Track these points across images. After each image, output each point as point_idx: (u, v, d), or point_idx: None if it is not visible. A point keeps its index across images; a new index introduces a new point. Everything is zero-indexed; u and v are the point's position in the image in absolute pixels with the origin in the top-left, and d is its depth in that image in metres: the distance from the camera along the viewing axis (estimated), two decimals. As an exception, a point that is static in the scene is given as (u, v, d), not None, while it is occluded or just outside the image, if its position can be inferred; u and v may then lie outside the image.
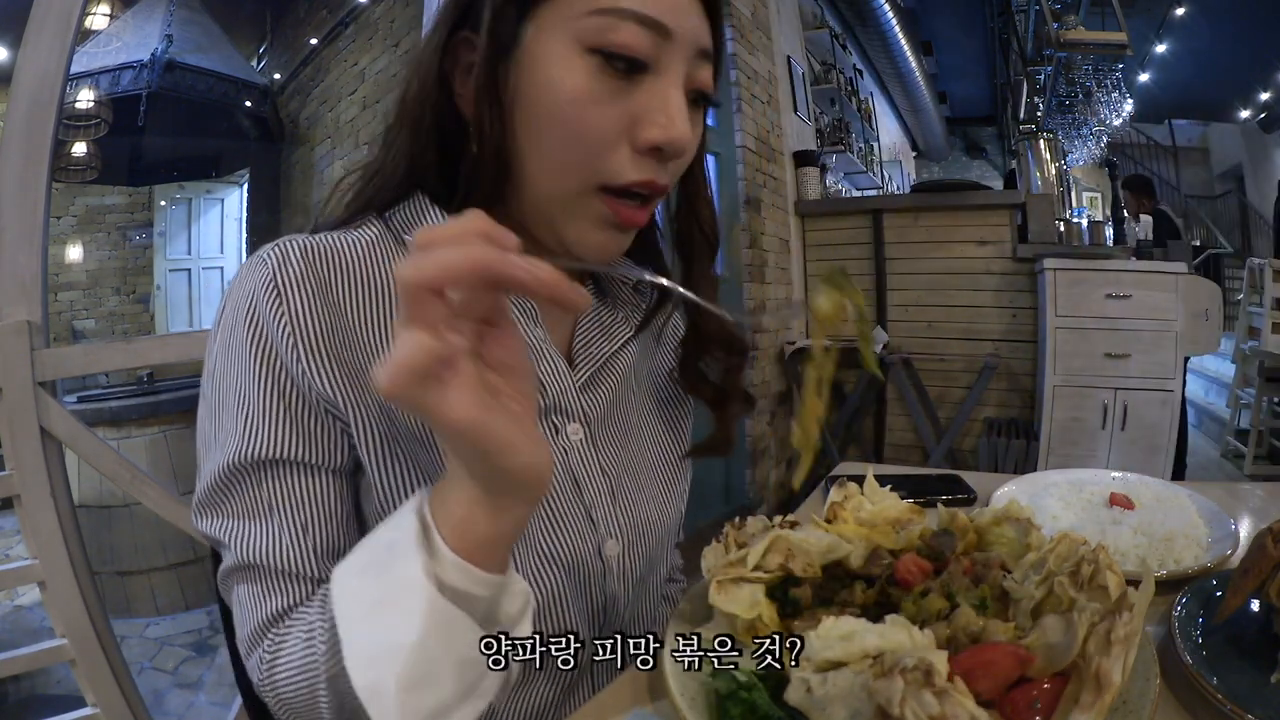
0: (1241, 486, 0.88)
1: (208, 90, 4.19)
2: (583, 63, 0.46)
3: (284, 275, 0.47)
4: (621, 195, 0.49)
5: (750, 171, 3.04)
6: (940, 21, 7.06)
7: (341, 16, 3.95)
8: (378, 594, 0.37)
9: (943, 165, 9.71)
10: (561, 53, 0.46)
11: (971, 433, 3.27)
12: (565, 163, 0.48)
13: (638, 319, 0.63)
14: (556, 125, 0.47)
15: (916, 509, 0.54)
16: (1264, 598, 0.48)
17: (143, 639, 2.44)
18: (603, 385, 0.59)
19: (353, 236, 0.52)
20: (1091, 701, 0.34)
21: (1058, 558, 0.44)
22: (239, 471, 0.47)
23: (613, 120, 0.47)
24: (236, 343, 0.48)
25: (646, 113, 0.47)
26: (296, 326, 0.47)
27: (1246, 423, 3.82)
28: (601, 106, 0.46)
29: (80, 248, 4.43)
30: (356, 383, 0.48)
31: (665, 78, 0.47)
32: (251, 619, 0.48)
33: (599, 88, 0.46)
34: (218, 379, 0.49)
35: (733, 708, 0.40)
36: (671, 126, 0.47)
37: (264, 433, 0.47)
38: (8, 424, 1.10)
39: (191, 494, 0.51)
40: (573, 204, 0.49)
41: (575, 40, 0.46)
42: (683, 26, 0.47)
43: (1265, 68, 6.55)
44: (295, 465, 0.48)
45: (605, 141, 0.47)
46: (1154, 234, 3.97)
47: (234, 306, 0.48)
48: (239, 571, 0.49)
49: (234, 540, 0.48)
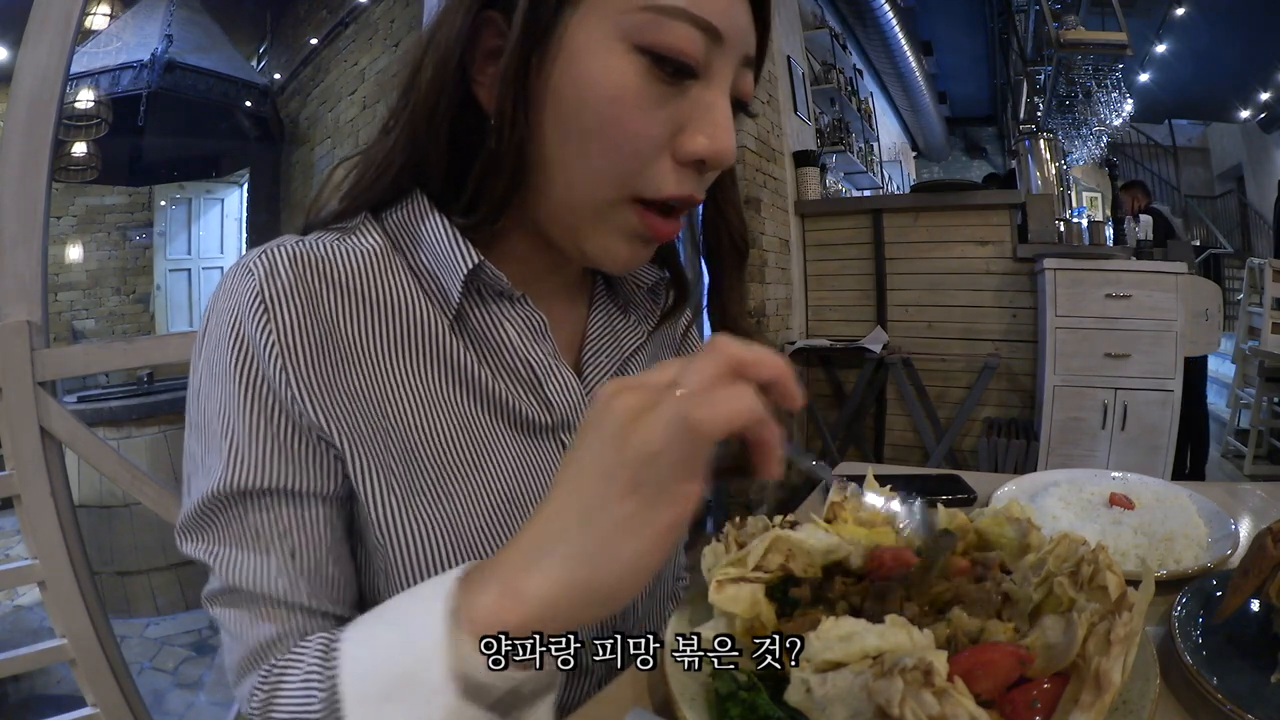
0: (1241, 486, 0.88)
1: (208, 90, 4.19)
2: (628, 62, 0.42)
3: (272, 289, 0.44)
4: (654, 207, 0.46)
5: (750, 171, 3.04)
6: (940, 21, 7.06)
7: (341, 16, 3.95)
8: (391, 684, 0.34)
9: (943, 165, 9.71)
10: (605, 48, 0.42)
11: (971, 433, 3.27)
12: (600, 170, 0.44)
13: (652, 322, 0.61)
14: (594, 127, 0.43)
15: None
16: (1264, 598, 0.48)
17: (143, 639, 2.44)
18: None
19: (347, 245, 0.48)
20: (1091, 701, 0.34)
21: (1057, 558, 0.44)
22: (225, 500, 0.44)
23: (657, 128, 0.43)
24: (220, 363, 0.44)
25: (692, 122, 0.43)
26: (285, 346, 0.43)
27: (1246, 423, 3.82)
28: (646, 111, 0.42)
29: (80, 248, 4.43)
30: (349, 404, 0.45)
31: (714, 85, 0.44)
32: (242, 645, 0.45)
33: (645, 90, 0.42)
34: (202, 399, 0.46)
35: (733, 708, 0.40)
36: (718, 139, 0.44)
37: (250, 462, 0.44)
38: (8, 424, 1.10)
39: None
40: (603, 214, 0.46)
41: (622, 36, 0.42)
42: (734, 30, 0.44)
43: (1265, 68, 6.55)
44: (283, 494, 0.45)
45: (646, 150, 0.43)
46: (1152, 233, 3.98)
47: (219, 321, 0.45)
48: (226, 595, 0.46)
49: (220, 565, 0.45)
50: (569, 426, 0.53)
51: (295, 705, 0.40)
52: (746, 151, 3.02)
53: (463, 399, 0.50)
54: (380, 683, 0.35)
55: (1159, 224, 4.05)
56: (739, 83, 0.46)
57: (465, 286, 0.48)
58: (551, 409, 0.52)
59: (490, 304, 0.51)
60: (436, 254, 0.48)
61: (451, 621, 0.34)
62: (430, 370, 0.49)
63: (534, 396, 0.52)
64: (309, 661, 0.40)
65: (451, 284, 0.48)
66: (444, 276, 0.49)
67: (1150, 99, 7.34)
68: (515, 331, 0.51)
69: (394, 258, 0.49)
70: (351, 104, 3.89)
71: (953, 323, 3.33)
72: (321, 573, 0.46)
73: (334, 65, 4.05)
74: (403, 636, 0.35)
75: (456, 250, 0.48)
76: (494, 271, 0.49)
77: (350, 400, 0.45)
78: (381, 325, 0.47)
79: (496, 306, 0.51)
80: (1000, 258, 3.22)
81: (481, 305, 0.50)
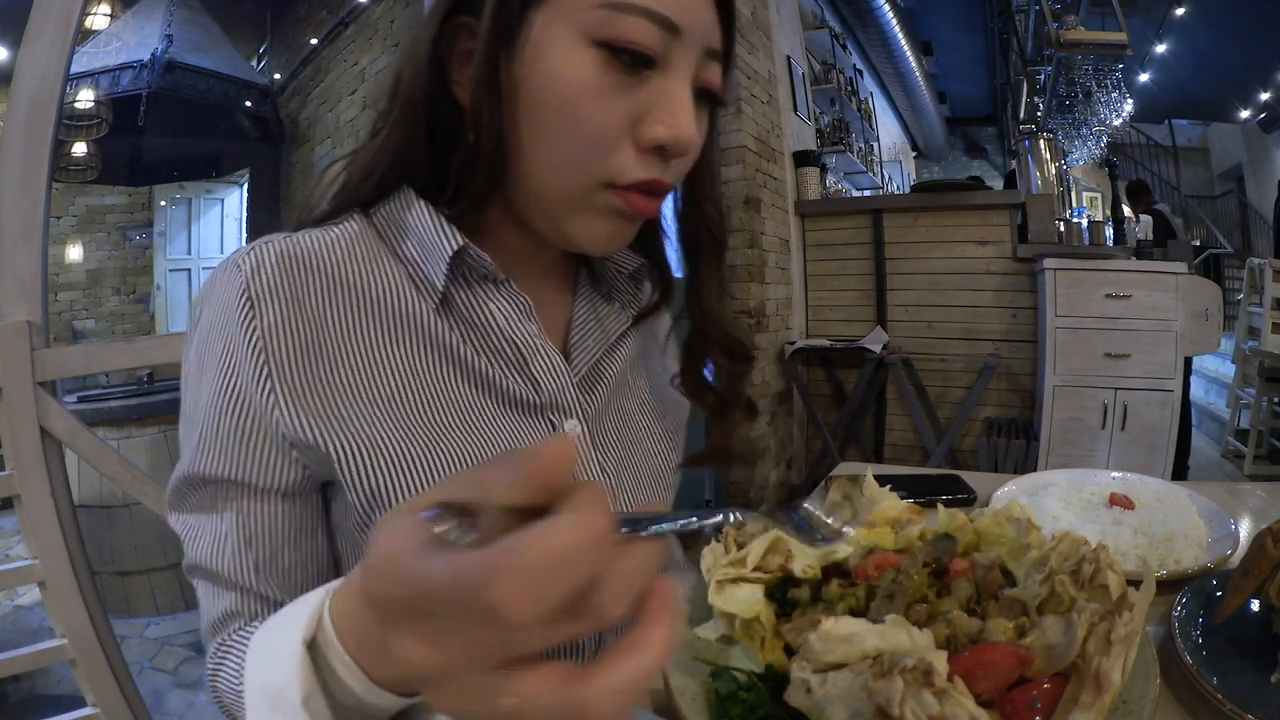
0: (1241, 486, 0.88)
1: (208, 90, 4.19)
2: (588, 55, 0.45)
3: (257, 285, 0.46)
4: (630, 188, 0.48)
5: (750, 171, 3.04)
6: (940, 21, 7.06)
7: (341, 16, 3.96)
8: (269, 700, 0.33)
9: (943, 165, 9.71)
10: (567, 44, 0.45)
11: (971, 433, 3.27)
12: (567, 157, 0.47)
13: (635, 310, 0.62)
14: (558, 118, 0.45)
15: (916, 509, 0.54)
16: (1264, 598, 0.48)
17: (143, 639, 2.44)
18: (600, 380, 0.59)
19: (332, 236, 0.50)
20: (1091, 701, 0.34)
21: (1060, 556, 0.44)
22: (194, 482, 0.49)
23: (616, 116, 0.45)
24: (204, 357, 0.48)
25: (651, 110, 0.46)
26: (268, 341, 0.46)
27: (1246, 423, 3.83)
28: (605, 100, 0.45)
29: (80, 248, 4.43)
30: (335, 393, 0.47)
31: (673, 75, 0.46)
32: (206, 615, 0.50)
33: (603, 81, 0.45)
34: (188, 385, 0.50)
35: (733, 708, 0.40)
36: (676, 125, 0.46)
37: (214, 453, 0.47)
38: (8, 424, 1.10)
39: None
40: (578, 200, 0.48)
41: (582, 32, 0.44)
42: (693, 24, 0.46)
43: (1265, 68, 6.55)
44: (241, 485, 0.48)
45: (608, 137, 0.46)
46: (1152, 233, 3.98)
47: (207, 314, 0.48)
48: (192, 569, 0.51)
49: (189, 540, 0.50)
50: (557, 407, 0.55)
51: (231, 683, 0.46)
52: (746, 152, 3.02)
53: (451, 376, 0.51)
54: (266, 694, 0.34)
55: (1159, 224, 4.05)
56: (704, 74, 0.48)
57: (450, 270, 0.50)
58: (539, 388, 0.53)
59: (475, 287, 0.52)
60: (422, 239, 0.51)
61: (303, 649, 0.32)
62: (417, 351, 0.50)
63: (521, 375, 0.53)
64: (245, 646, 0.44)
65: (436, 268, 0.50)
66: (429, 262, 0.50)
67: (1150, 99, 7.34)
68: (500, 313, 0.52)
69: (380, 248, 0.52)
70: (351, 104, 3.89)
71: (953, 323, 3.33)
72: (277, 562, 0.49)
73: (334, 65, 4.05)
74: (276, 652, 0.34)
75: (441, 234, 0.50)
76: (478, 254, 0.50)
77: (337, 389, 0.47)
78: (367, 313, 0.49)
79: (481, 290, 0.53)
80: (1000, 258, 3.22)
81: (467, 289, 0.52)
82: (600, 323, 0.60)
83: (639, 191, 0.48)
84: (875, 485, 0.57)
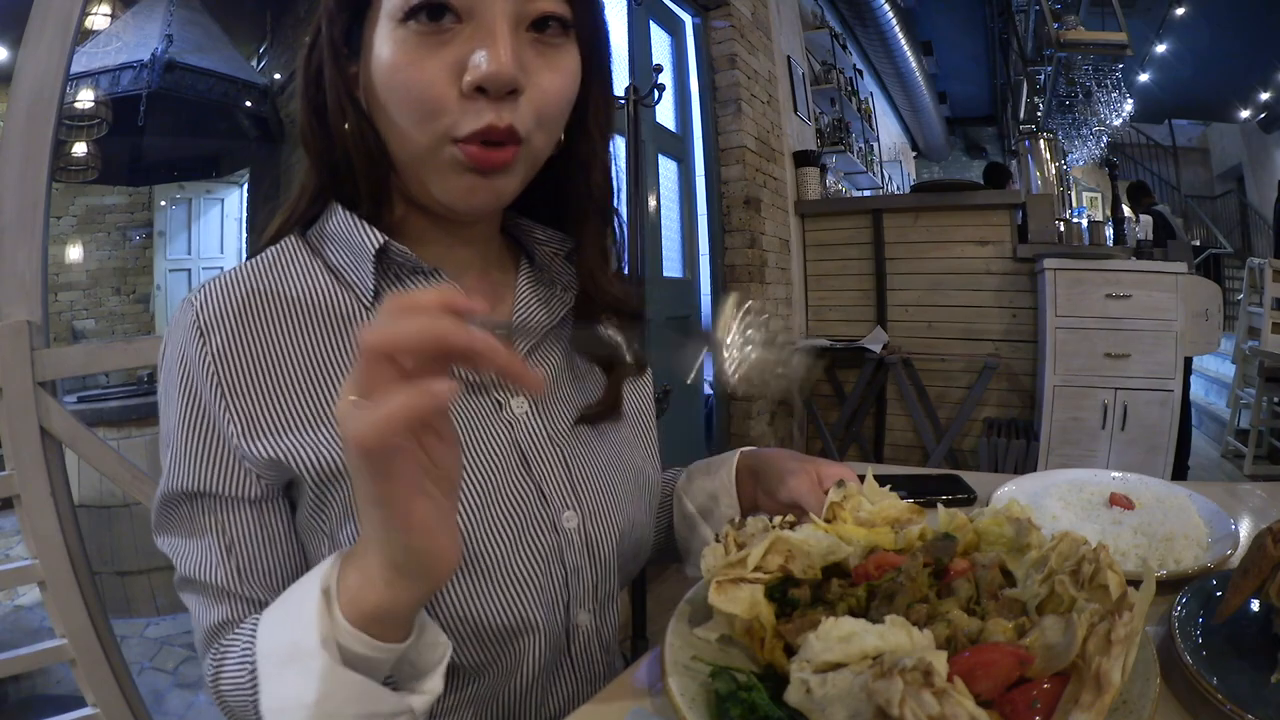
0: (1241, 486, 0.87)
1: (208, 90, 4.18)
2: (400, 33, 0.48)
3: (205, 316, 0.51)
4: (473, 140, 0.49)
5: (750, 171, 3.04)
6: (940, 21, 7.06)
7: (341, 17, 3.94)
8: (286, 653, 0.41)
9: (943, 165, 9.71)
10: (385, 34, 0.49)
11: (971, 433, 3.27)
12: (407, 124, 0.49)
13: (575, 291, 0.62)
14: (394, 95, 0.49)
15: (916, 509, 0.54)
16: (1264, 598, 0.48)
17: (143, 639, 2.44)
18: (546, 358, 0.60)
19: (269, 259, 0.55)
20: (1091, 702, 0.34)
21: (1060, 555, 0.43)
22: (172, 501, 0.53)
23: (436, 73, 0.47)
24: (168, 385, 0.52)
25: (464, 56, 0.47)
26: (219, 364, 0.50)
27: (1246, 423, 3.83)
28: (423, 62, 0.47)
29: (80, 248, 4.43)
30: (286, 403, 0.51)
31: (483, 18, 0.47)
32: (199, 627, 0.53)
33: (414, 45, 0.47)
34: (161, 413, 0.54)
35: (733, 708, 0.40)
36: (485, 61, 0.46)
37: (185, 470, 0.51)
38: (8, 424, 1.10)
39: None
40: (427, 159, 0.50)
41: (390, 18, 0.48)
42: None
43: (1265, 68, 6.55)
44: (214, 497, 0.51)
45: (432, 94, 0.48)
46: (1152, 233, 3.98)
47: (170, 351, 0.53)
48: (184, 583, 0.54)
49: (176, 557, 0.53)
50: (501, 385, 0.57)
51: (235, 678, 0.48)
52: (746, 152, 3.02)
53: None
54: (280, 651, 0.41)
55: (1159, 224, 4.05)
56: (532, 5, 0.49)
57: (377, 268, 0.53)
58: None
59: (406, 282, 0.55)
60: (348, 244, 0.54)
61: (323, 599, 0.40)
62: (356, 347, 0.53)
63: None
64: (244, 641, 0.48)
65: (364, 269, 0.53)
66: (358, 265, 0.54)
67: (1150, 99, 7.34)
68: None
69: (313, 262, 0.55)
70: (351, 104, 3.88)
71: (953, 323, 3.33)
72: (258, 565, 0.52)
73: (334, 65, 4.04)
74: (292, 610, 0.42)
75: (362, 235, 0.53)
76: (400, 249, 0.53)
77: (288, 398, 0.51)
78: (306, 323, 0.53)
79: (412, 283, 0.55)
80: (1000, 258, 3.22)
81: (398, 284, 0.55)
82: (544, 302, 0.61)
83: (478, 144, 0.49)
84: (875, 485, 0.57)
